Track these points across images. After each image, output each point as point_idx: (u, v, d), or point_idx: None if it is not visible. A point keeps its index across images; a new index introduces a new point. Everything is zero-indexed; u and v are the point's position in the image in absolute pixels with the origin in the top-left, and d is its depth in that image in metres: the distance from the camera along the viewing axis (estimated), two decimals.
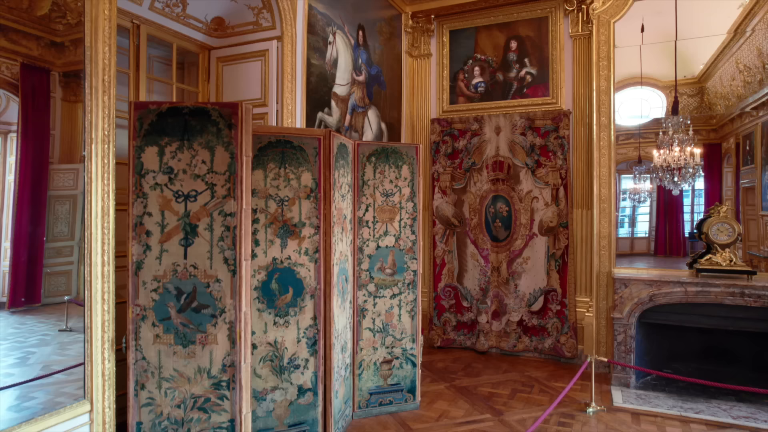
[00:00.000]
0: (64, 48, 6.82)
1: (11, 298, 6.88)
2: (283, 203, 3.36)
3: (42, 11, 5.97)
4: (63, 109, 7.11)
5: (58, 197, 7.26)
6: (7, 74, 6.23)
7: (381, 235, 4.13)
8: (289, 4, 3.98)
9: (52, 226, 7.35)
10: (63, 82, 7.11)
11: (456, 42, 6.05)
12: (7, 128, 7.10)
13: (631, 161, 16.44)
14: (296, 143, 3.39)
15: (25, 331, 6.06)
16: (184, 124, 2.67)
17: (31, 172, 6.62)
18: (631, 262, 16.30)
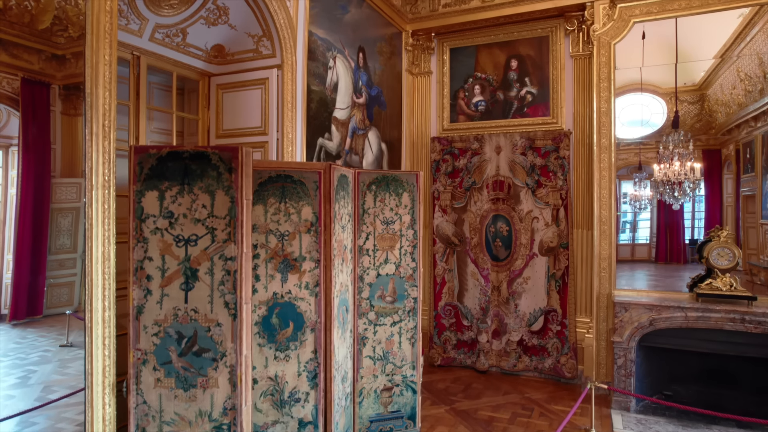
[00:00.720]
0: (65, 61, 6.79)
1: (13, 310, 6.88)
2: (283, 238, 3.36)
3: (44, 25, 5.96)
4: (63, 123, 7.11)
5: (60, 210, 7.25)
6: (7, 89, 6.23)
7: (381, 263, 4.12)
8: (289, 33, 3.97)
9: (54, 239, 7.34)
10: (63, 95, 7.10)
11: (456, 60, 6.04)
12: (8, 142, 7.11)
13: (631, 166, 16.42)
14: (296, 177, 3.39)
15: (26, 346, 6.06)
16: (184, 169, 2.67)
17: (33, 186, 6.62)
18: (632, 269, 16.33)
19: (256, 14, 3.87)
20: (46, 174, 7.29)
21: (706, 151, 14.75)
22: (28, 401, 4.58)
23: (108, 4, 2.57)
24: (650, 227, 17.33)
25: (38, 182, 7.20)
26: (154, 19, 3.63)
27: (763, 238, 12.57)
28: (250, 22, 3.94)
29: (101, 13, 2.55)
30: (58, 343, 6.44)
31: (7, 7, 5.41)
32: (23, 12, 5.61)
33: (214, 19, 3.90)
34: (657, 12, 4.96)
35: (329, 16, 4.53)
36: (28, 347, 6.11)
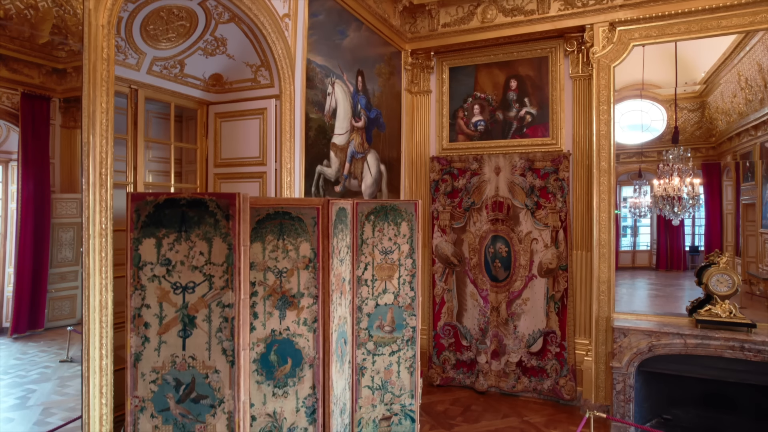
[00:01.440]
0: (66, 74, 6.77)
1: (14, 323, 6.89)
2: (281, 275, 3.36)
3: (43, 39, 5.94)
4: (62, 136, 7.09)
5: (61, 225, 7.24)
6: (7, 104, 6.22)
7: (380, 293, 4.12)
8: (287, 62, 3.96)
9: (56, 253, 7.34)
10: (63, 108, 7.08)
11: (455, 79, 6.02)
12: (8, 157, 7.11)
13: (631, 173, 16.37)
14: (295, 214, 3.38)
15: (27, 362, 6.06)
16: (181, 216, 2.66)
17: (33, 200, 6.62)
18: (633, 276, 16.26)
19: (254, 45, 3.86)
20: (45, 189, 7.29)
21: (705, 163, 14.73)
22: (27, 425, 4.58)
23: (105, 52, 2.56)
24: (650, 233, 17.34)
25: (38, 197, 7.20)
26: (152, 53, 3.62)
27: (763, 247, 12.58)
28: (248, 52, 3.92)
29: (98, 61, 2.54)
30: (58, 359, 6.43)
31: (7, 17, 5.38)
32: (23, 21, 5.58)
33: (212, 50, 3.89)
34: (656, 36, 4.95)
35: (328, 42, 4.51)
36: (28, 363, 6.11)
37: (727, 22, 4.67)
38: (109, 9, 2.58)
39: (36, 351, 6.61)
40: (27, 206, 7.13)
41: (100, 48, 2.54)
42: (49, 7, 5.69)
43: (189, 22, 3.58)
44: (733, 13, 4.65)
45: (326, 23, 4.48)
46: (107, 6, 2.58)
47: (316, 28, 4.34)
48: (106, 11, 2.57)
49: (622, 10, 5.02)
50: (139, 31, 3.39)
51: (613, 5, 5.05)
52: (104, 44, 2.56)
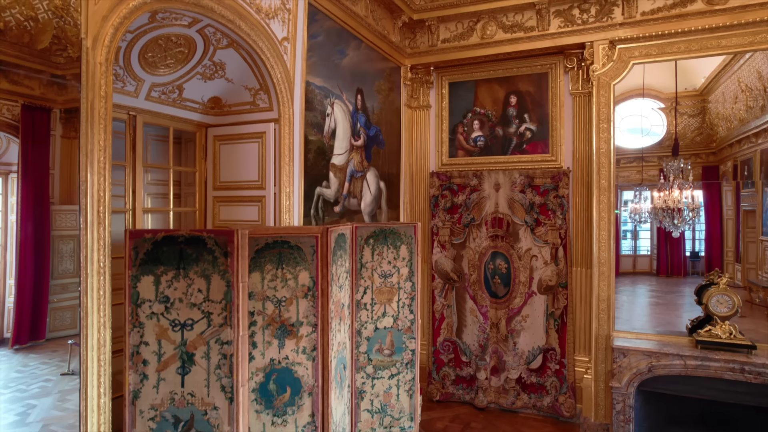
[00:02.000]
0: (66, 83, 6.75)
1: (15, 334, 6.88)
2: (280, 304, 3.35)
3: (42, 44, 5.91)
4: (63, 147, 7.09)
5: (61, 237, 7.24)
6: (8, 116, 6.23)
7: (379, 317, 4.11)
8: (286, 86, 3.95)
9: (57, 264, 7.34)
10: (63, 119, 7.09)
11: (455, 94, 6.01)
12: (7, 169, 7.11)
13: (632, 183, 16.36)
14: (293, 243, 3.37)
15: (28, 375, 6.05)
16: (179, 253, 2.66)
17: (33, 212, 6.61)
18: (633, 282, 16.21)
19: (253, 69, 3.85)
20: (45, 201, 7.27)
21: (706, 167, 14.71)
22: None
23: (103, 89, 2.55)
24: (650, 238, 17.30)
25: (38, 209, 7.18)
26: (150, 79, 3.61)
27: (763, 254, 12.57)
28: (246, 76, 3.91)
29: (96, 99, 2.53)
30: (59, 371, 6.41)
31: (7, 28, 5.38)
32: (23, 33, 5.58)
33: (211, 74, 3.88)
34: (656, 54, 4.93)
35: (327, 63, 4.50)
36: (29, 377, 6.10)
37: (727, 41, 4.66)
38: (107, 46, 2.57)
39: (37, 363, 6.59)
40: (27, 218, 7.12)
41: (98, 86, 2.53)
42: (49, 19, 5.67)
43: (187, 48, 3.57)
44: (732, 33, 4.64)
45: (325, 44, 4.47)
46: (105, 43, 2.57)
47: (315, 50, 4.33)
48: (104, 48, 2.56)
49: (622, 28, 5.00)
50: (138, 59, 3.38)
51: (613, 23, 5.03)
52: (102, 82, 2.54)
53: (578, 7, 5.19)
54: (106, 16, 2.59)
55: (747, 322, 10.28)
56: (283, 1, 3.94)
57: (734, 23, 4.58)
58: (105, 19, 2.58)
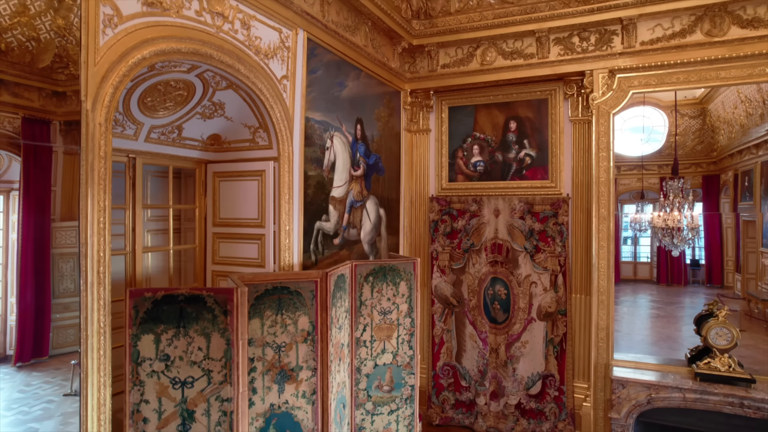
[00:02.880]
0: (66, 97, 6.75)
1: (18, 351, 6.90)
2: (280, 349, 3.36)
3: (44, 63, 5.93)
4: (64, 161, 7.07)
5: (61, 255, 7.24)
6: (8, 129, 6.23)
7: (379, 354, 4.13)
8: (285, 124, 3.95)
9: (57, 283, 7.35)
10: (64, 131, 7.10)
11: (455, 119, 6.01)
12: (9, 186, 7.12)
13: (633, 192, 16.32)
14: (293, 288, 3.38)
15: (30, 395, 6.06)
16: (179, 311, 2.67)
17: (34, 230, 6.62)
18: (634, 292, 16.15)
19: (252, 108, 3.85)
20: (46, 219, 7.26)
21: (706, 176, 14.64)
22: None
23: (102, 150, 2.55)
24: (650, 245, 17.27)
25: (39, 227, 7.18)
26: (150, 122, 3.61)
27: (763, 265, 12.49)
28: (246, 115, 3.91)
29: (95, 160, 2.53)
30: (62, 391, 6.41)
31: (8, 48, 5.39)
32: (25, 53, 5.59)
33: (210, 113, 3.88)
34: (656, 84, 4.93)
35: (326, 96, 4.50)
36: (32, 397, 6.09)
37: (726, 73, 4.65)
38: (106, 106, 2.58)
39: (40, 382, 6.59)
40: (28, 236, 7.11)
41: (98, 146, 2.53)
42: (51, 39, 5.68)
43: (186, 91, 3.57)
44: (732, 65, 4.63)
45: (324, 78, 4.47)
46: (104, 103, 2.57)
47: (315, 85, 4.33)
48: (103, 109, 2.56)
49: (621, 57, 5.00)
50: (137, 104, 3.38)
51: (612, 53, 5.03)
52: (102, 142, 2.55)
53: (578, 36, 5.19)
54: (106, 76, 2.59)
55: (746, 337, 10.29)
56: (282, 40, 3.94)
57: (733, 56, 4.58)
58: (105, 79, 2.58)
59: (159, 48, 2.87)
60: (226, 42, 3.37)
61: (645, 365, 5.07)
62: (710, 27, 4.69)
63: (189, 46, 3.06)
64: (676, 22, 4.82)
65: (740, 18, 4.59)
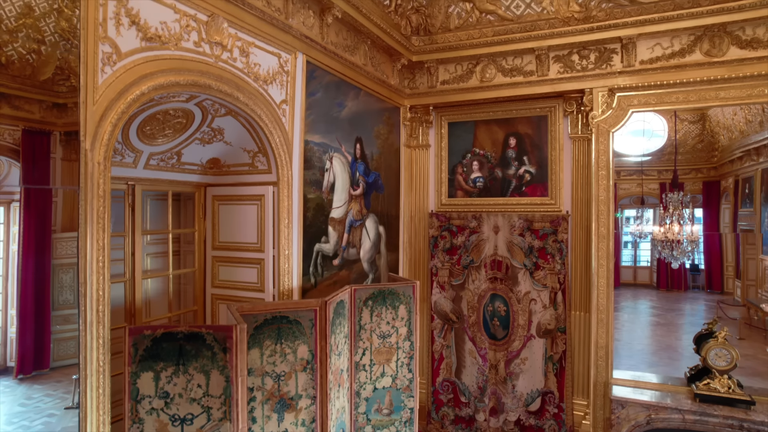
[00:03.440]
0: (67, 109, 6.75)
1: (19, 364, 6.91)
2: (279, 378, 3.37)
3: (45, 76, 5.95)
4: (63, 169, 7.10)
5: (62, 266, 7.24)
6: (9, 140, 6.25)
7: (378, 377, 4.13)
8: (284, 148, 3.95)
9: (57, 295, 7.37)
10: (64, 141, 7.10)
11: (454, 135, 6.01)
12: (9, 197, 7.11)
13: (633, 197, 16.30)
14: (292, 317, 3.39)
15: (32, 408, 6.05)
16: (179, 349, 2.67)
17: (35, 242, 6.61)
18: (635, 297, 16.16)
19: (252, 134, 3.85)
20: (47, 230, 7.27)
21: (707, 182, 14.64)
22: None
23: (101, 189, 2.55)
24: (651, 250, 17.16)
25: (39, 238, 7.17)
26: (149, 149, 3.61)
27: (763, 273, 12.48)
28: (245, 139, 3.91)
29: (94, 199, 2.53)
30: (63, 404, 6.41)
31: (9, 61, 5.41)
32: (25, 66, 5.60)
33: (209, 139, 3.89)
34: (655, 103, 4.93)
35: (325, 118, 4.50)
36: (33, 410, 6.09)
37: (725, 93, 4.65)
38: (105, 144, 2.58)
39: (41, 395, 6.58)
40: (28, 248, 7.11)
41: (97, 185, 2.54)
42: (52, 51, 5.69)
43: (185, 119, 3.57)
44: (731, 86, 4.63)
45: (324, 99, 4.47)
46: (103, 142, 2.57)
47: (314, 107, 4.33)
48: (102, 147, 2.57)
49: (621, 76, 5.00)
50: (136, 133, 3.39)
51: (612, 71, 5.03)
52: (100, 181, 2.55)
53: (578, 53, 5.19)
54: (105, 114, 2.59)
55: (745, 346, 10.28)
56: (281, 64, 3.94)
57: (732, 76, 4.58)
58: (103, 117, 2.58)
59: (157, 82, 2.87)
60: (225, 71, 3.37)
61: (644, 384, 5.08)
62: (709, 47, 4.68)
63: (188, 78, 3.06)
64: (675, 41, 4.82)
65: (739, 38, 4.59)
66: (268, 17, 3.68)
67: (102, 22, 2.59)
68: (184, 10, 3.07)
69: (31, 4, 5.79)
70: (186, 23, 3.07)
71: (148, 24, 2.83)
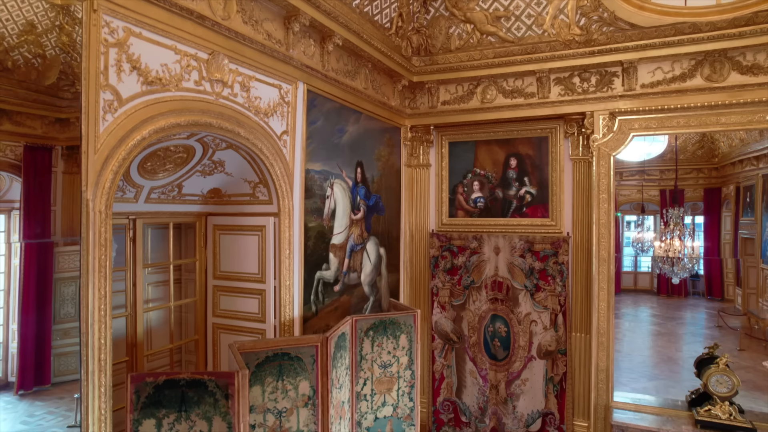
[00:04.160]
0: (69, 123, 6.78)
1: (20, 380, 6.93)
2: (281, 415, 3.37)
3: (50, 80, 5.95)
4: (64, 182, 7.15)
5: (63, 280, 7.26)
6: (11, 156, 6.27)
7: (379, 407, 4.14)
8: (285, 179, 3.95)
9: (58, 308, 7.38)
10: (65, 155, 7.14)
11: (455, 154, 6.01)
12: (9, 206, 7.14)
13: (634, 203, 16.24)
14: (294, 354, 3.39)
15: (34, 427, 6.06)
16: (181, 396, 2.68)
17: (36, 256, 6.63)
18: (635, 303, 16.12)
19: (252, 166, 3.85)
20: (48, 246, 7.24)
21: (708, 188, 14.58)
22: None
23: (103, 237, 2.55)
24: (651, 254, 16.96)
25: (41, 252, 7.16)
26: (149, 184, 3.61)
27: (764, 282, 12.46)
28: (246, 170, 3.91)
29: (96, 247, 2.53)
30: (66, 423, 6.40)
31: (15, 66, 5.40)
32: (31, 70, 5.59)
33: (210, 170, 3.89)
34: (656, 128, 4.93)
35: (326, 145, 4.50)
36: (35, 429, 6.08)
37: (726, 119, 4.65)
38: (106, 193, 2.58)
39: (43, 412, 6.56)
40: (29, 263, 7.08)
41: (98, 234, 2.54)
42: (57, 55, 5.67)
43: (186, 153, 3.57)
44: (732, 111, 4.63)
45: (324, 127, 4.46)
46: (105, 190, 2.57)
47: (315, 136, 4.33)
48: (103, 196, 2.57)
49: (622, 100, 4.99)
50: (137, 170, 3.38)
51: (613, 95, 5.03)
52: (102, 230, 2.55)
53: (579, 76, 5.18)
54: (106, 162, 2.59)
55: (746, 357, 10.26)
56: (282, 95, 3.94)
57: (733, 102, 4.57)
58: (105, 166, 2.58)
59: (158, 126, 2.87)
60: (226, 107, 3.37)
61: (645, 408, 5.08)
62: (710, 72, 4.68)
63: (188, 118, 3.05)
64: (676, 65, 4.81)
65: (740, 64, 4.59)
66: (269, 50, 3.68)
67: (103, 70, 2.59)
68: (185, 50, 3.06)
69: (34, 21, 5.80)
70: (187, 63, 3.07)
71: (149, 68, 2.83)
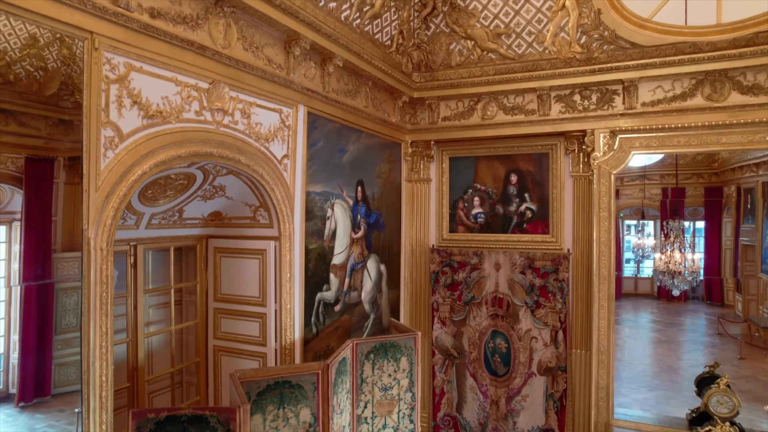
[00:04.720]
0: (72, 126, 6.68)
1: (21, 391, 6.89)
2: None
3: (51, 91, 5.90)
4: (66, 193, 7.05)
5: (65, 290, 7.20)
6: (12, 168, 6.21)
7: (380, 429, 4.15)
8: (286, 203, 3.95)
9: (60, 318, 7.33)
10: (67, 166, 7.06)
11: (456, 170, 6.01)
12: (11, 217, 7.09)
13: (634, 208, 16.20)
14: (294, 382, 3.40)
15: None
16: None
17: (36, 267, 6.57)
18: (636, 308, 16.12)
19: (253, 190, 3.85)
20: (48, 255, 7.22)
21: (708, 188, 14.52)
22: None
23: (104, 274, 2.56)
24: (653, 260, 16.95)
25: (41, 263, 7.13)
26: (150, 210, 3.62)
27: (764, 289, 12.46)
28: (246, 194, 3.92)
29: (98, 285, 2.54)
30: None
31: (17, 79, 5.39)
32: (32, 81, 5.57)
33: (211, 195, 3.89)
34: (656, 146, 4.93)
35: (327, 166, 4.50)
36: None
37: (727, 139, 4.65)
38: (107, 230, 2.58)
39: (44, 426, 6.58)
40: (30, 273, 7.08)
41: (100, 271, 2.54)
42: (58, 67, 5.66)
43: (187, 180, 3.58)
44: (732, 131, 4.63)
45: (325, 148, 4.46)
46: (106, 227, 2.58)
47: (315, 158, 4.33)
48: (105, 233, 2.57)
49: (623, 118, 4.99)
50: (138, 198, 3.39)
51: (614, 113, 5.03)
52: (103, 267, 2.56)
53: (579, 94, 5.18)
54: (107, 199, 2.59)
55: (746, 366, 10.26)
56: (282, 119, 3.94)
57: (734, 122, 4.57)
58: (106, 203, 2.59)
59: (159, 159, 2.87)
60: (227, 135, 3.37)
61: (645, 426, 5.09)
62: (711, 91, 4.68)
63: (189, 149, 3.06)
64: (676, 84, 4.81)
65: (740, 84, 4.59)
66: (270, 75, 3.68)
67: (104, 107, 2.60)
68: (186, 81, 3.06)
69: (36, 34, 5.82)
70: (187, 94, 3.07)
71: (149, 101, 2.84)
